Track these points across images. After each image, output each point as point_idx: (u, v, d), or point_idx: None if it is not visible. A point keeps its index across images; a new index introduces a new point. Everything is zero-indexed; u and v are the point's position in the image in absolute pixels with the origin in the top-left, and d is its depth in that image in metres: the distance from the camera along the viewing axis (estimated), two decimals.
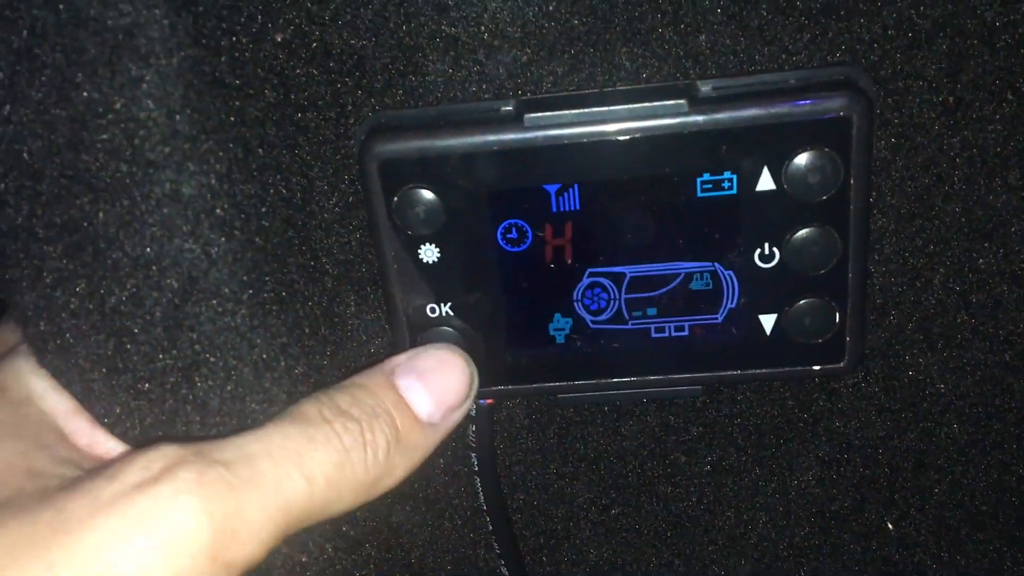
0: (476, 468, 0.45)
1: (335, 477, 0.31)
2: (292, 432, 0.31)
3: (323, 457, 0.31)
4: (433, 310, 0.40)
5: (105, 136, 0.30)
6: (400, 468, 0.34)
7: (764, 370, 0.41)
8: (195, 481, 0.28)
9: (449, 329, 0.41)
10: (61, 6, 0.29)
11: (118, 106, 0.30)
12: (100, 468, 0.29)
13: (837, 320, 0.39)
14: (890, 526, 0.49)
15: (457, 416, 0.37)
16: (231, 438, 0.30)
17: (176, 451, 0.29)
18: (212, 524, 0.27)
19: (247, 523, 0.28)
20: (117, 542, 0.26)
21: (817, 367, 0.41)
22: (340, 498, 0.32)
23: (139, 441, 0.35)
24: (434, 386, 0.36)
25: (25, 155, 0.31)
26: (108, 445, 0.35)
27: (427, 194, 0.38)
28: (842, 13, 0.36)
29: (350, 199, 0.40)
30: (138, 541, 0.26)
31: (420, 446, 0.35)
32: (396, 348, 0.41)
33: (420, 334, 0.41)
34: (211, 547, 0.27)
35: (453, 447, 0.47)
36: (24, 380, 0.35)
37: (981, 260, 0.41)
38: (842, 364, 0.40)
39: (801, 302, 0.39)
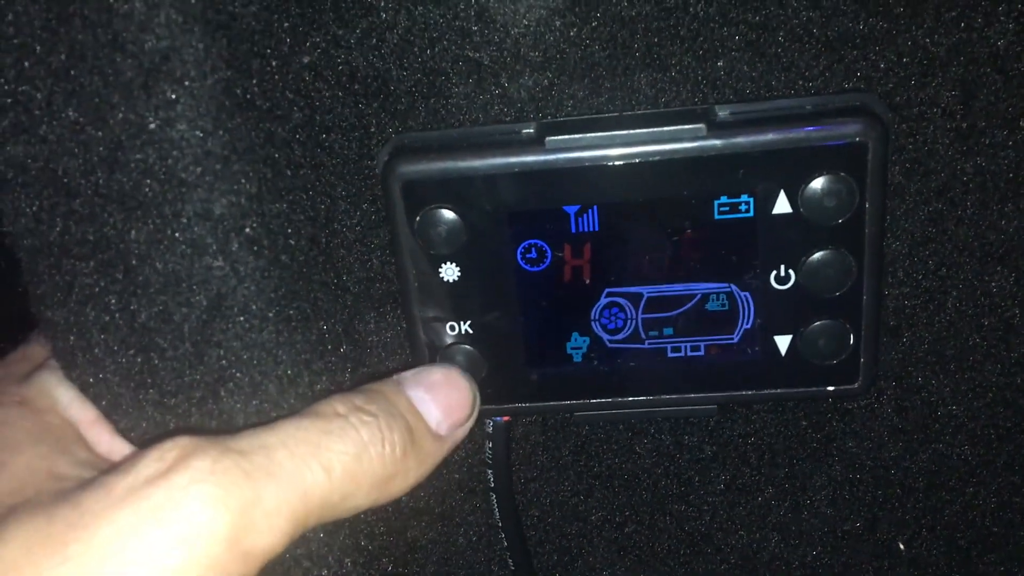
0: (492, 484, 0.46)
1: (353, 468, 0.31)
2: (308, 425, 0.31)
3: (341, 448, 0.31)
4: (453, 328, 0.41)
5: (139, 156, 0.31)
6: (413, 472, 0.34)
7: (778, 390, 0.42)
8: (210, 470, 0.27)
9: (468, 347, 0.41)
10: (99, 30, 0.30)
11: (152, 127, 0.31)
12: (116, 464, 0.29)
13: (851, 341, 0.40)
14: (901, 547, 0.49)
15: (460, 434, 0.37)
16: (247, 430, 0.30)
17: (190, 441, 0.28)
18: (229, 513, 0.27)
19: (265, 512, 0.28)
20: (132, 535, 0.26)
21: (831, 388, 0.41)
22: (357, 492, 0.31)
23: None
24: (441, 400, 0.36)
25: (60, 173, 0.32)
26: (126, 451, 0.35)
27: (449, 214, 0.38)
28: (857, 41, 0.37)
29: (372, 218, 0.41)
30: (154, 533, 0.26)
31: (431, 454, 0.35)
32: (416, 365, 0.42)
33: (440, 351, 0.41)
34: (229, 536, 0.27)
35: (469, 463, 0.48)
36: (50, 392, 0.36)
37: (993, 284, 0.41)
38: (856, 385, 0.41)
39: (816, 323, 0.40)
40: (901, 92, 0.37)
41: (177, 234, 0.32)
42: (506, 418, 0.44)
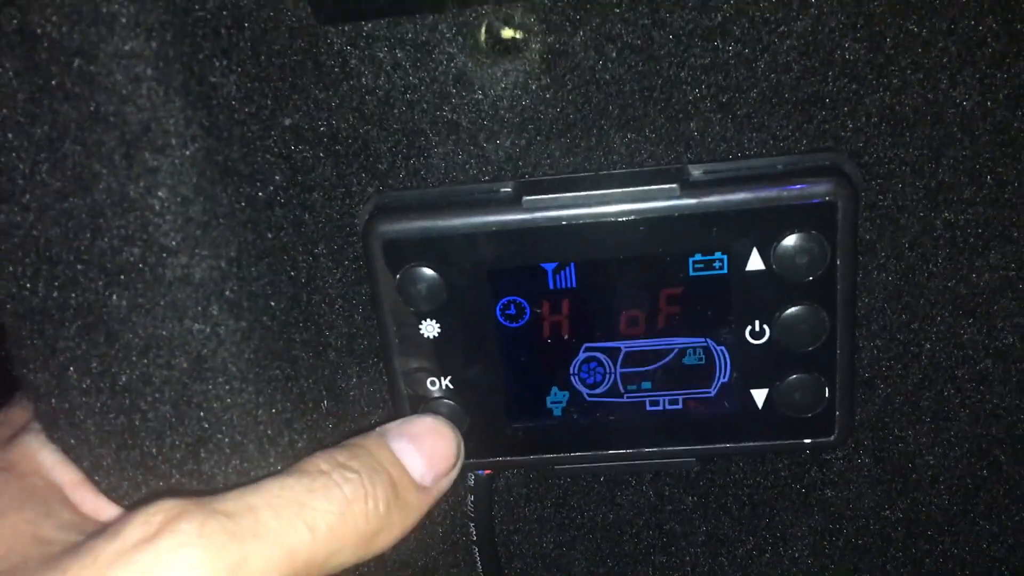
0: (474, 537, 0.46)
1: (337, 526, 0.31)
2: (292, 484, 0.31)
3: (325, 507, 0.31)
4: (433, 383, 0.41)
5: (120, 223, 0.32)
6: (398, 526, 0.34)
7: (756, 443, 0.42)
8: (197, 533, 0.28)
9: (449, 402, 0.42)
10: (82, 102, 0.30)
11: (134, 195, 0.31)
12: (102, 528, 0.29)
13: (827, 395, 0.40)
14: None
15: (445, 484, 0.37)
16: (232, 491, 0.30)
17: (176, 504, 0.28)
18: (216, 575, 0.27)
19: (251, 573, 0.28)
20: None
21: (808, 440, 0.42)
22: (342, 549, 0.31)
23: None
24: (425, 451, 0.36)
25: (43, 240, 0.32)
26: (111, 511, 0.35)
27: (429, 272, 0.39)
28: (827, 101, 0.37)
29: (353, 276, 0.41)
30: None
31: (415, 506, 0.35)
32: (398, 418, 0.42)
33: (420, 407, 0.42)
34: None
35: (451, 516, 0.48)
36: (33, 455, 0.36)
37: (966, 336, 0.42)
38: (832, 437, 0.41)
39: (791, 377, 0.40)
40: (870, 151, 0.38)
41: (158, 298, 0.33)
42: (488, 471, 0.45)
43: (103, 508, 0.35)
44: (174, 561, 0.27)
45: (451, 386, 0.41)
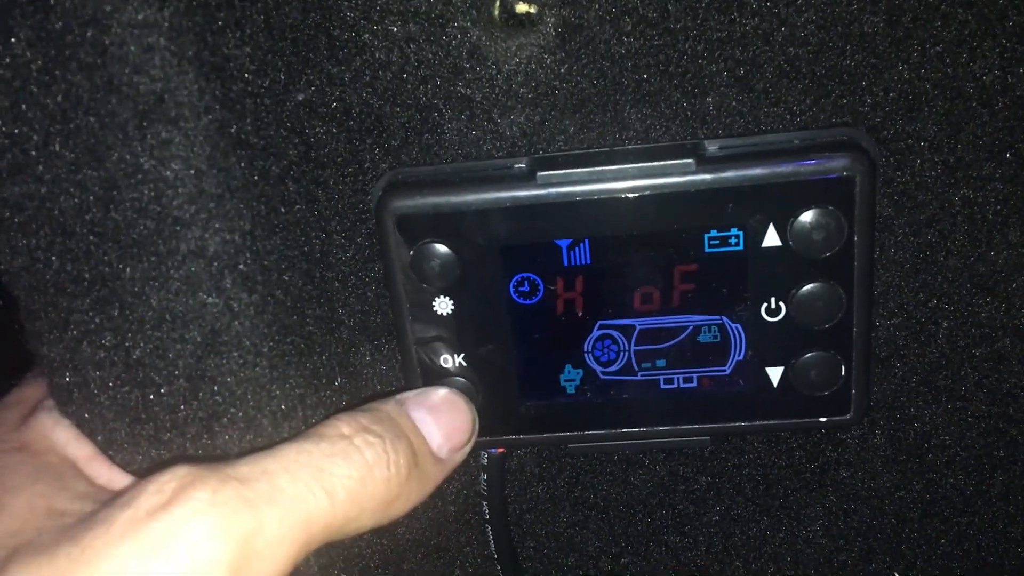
0: (487, 516, 0.46)
1: (357, 492, 0.31)
2: (311, 448, 0.31)
3: (345, 471, 0.30)
4: (447, 360, 0.41)
5: (134, 195, 0.31)
6: (415, 494, 0.34)
7: (771, 421, 0.42)
8: (209, 500, 0.27)
9: (462, 379, 0.41)
10: (95, 72, 0.30)
11: (147, 167, 0.31)
12: (115, 496, 0.29)
13: (843, 373, 0.40)
14: None
15: (459, 458, 0.37)
16: (248, 456, 0.30)
17: (189, 470, 0.28)
18: (230, 542, 0.27)
19: (267, 539, 0.28)
20: (135, 569, 0.26)
21: (823, 419, 0.41)
22: (361, 514, 0.31)
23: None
24: (443, 423, 0.36)
25: (56, 213, 0.32)
26: (126, 482, 0.35)
27: (442, 248, 0.39)
28: (844, 76, 0.37)
29: (366, 252, 0.41)
30: (157, 566, 0.26)
31: (431, 477, 0.35)
32: None
33: (434, 384, 0.42)
34: (231, 566, 0.27)
35: (464, 495, 0.48)
36: (47, 434, 0.36)
37: (983, 314, 0.41)
38: (848, 416, 0.41)
39: (807, 355, 0.40)
40: (888, 126, 0.38)
41: (172, 271, 0.33)
42: (500, 450, 0.45)
43: (117, 479, 0.35)
44: (187, 528, 0.27)
45: (464, 363, 0.41)
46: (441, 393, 0.38)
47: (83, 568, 0.26)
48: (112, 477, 0.35)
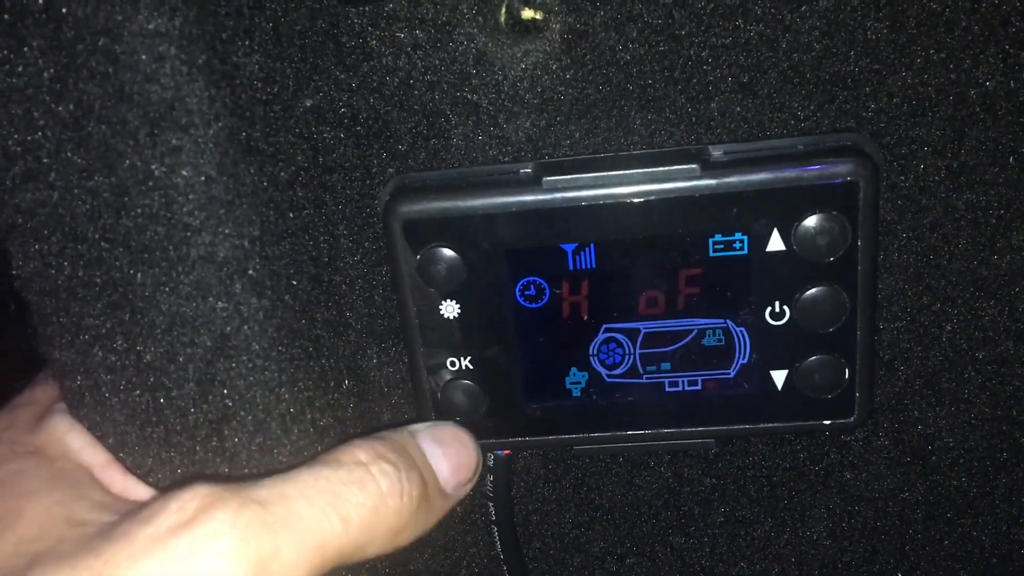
0: (493, 517, 0.46)
1: (370, 519, 0.31)
2: (328, 474, 0.31)
3: (359, 500, 0.31)
4: (453, 363, 0.42)
5: (145, 201, 0.32)
6: (420, 525, 0.34)
7: (775, 424, 0.42)
8: (231, 522, 0.28)
9: (469, 382, 0.42)
10: (107, 80, 0.30)
11: (158, 173, 0.31)
12: (136, 510, 0.30)
13: (846, 376, 0.40)
14: None
15: (462, 493, 0.38)
16: (267, 479, 0.30)
17: (210, 491, 0.29)
18: (248, 564, 0.27)
19: (283, 563, 0.28)
20: None
21: (827, 422, 0.42)
22: (372, 542, 0.32)
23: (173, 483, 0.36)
24: (452, 457, 0.37)
25: (68, 219, 0.32)
26: (140, 491, 0.36)
27: (449, 252, 0.39)
28: (849, 82, 0.37)
29: (373, 257, 0.41)
30: None
31: (437, 509, 0.36)
32: (417, 400, 0.43)
33: (441, 386, 0.42)
34: None
35: (471, 496, 0.48)
36: (61, 438, 0.36)
37: (986, 317, 0.42)
38: (852, 419, 0.41)
39: (811, 358, 0.40)
40: (892, 132, 0.38)
41: (182, 276, 0.33)
42: (507, 452, 0.45)
43: (132, 488, 0.36)
44: (208, 549, 0.27)
45: (471, 366, 0.42)
46: (449, 428, 0.38)
47: None
48: (126, 485, 0.36)
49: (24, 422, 0.37)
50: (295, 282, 0.37)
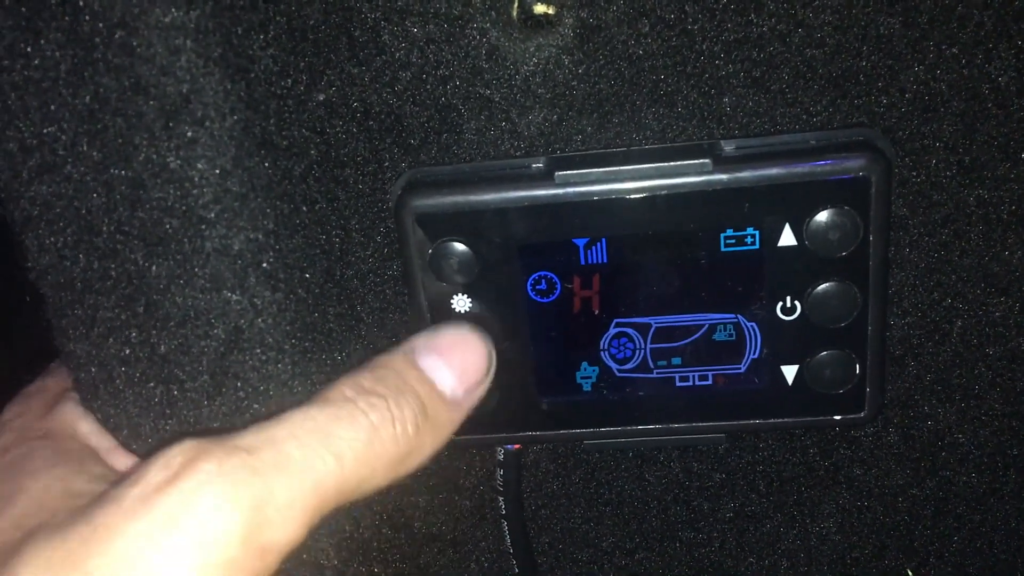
0: (503, 512, 0.47)
1: (365, 454, 0.30)
2: (316, 414, 0.30)
3: (351, 435, 0.30)
4: None
5: (160, 194, 0.32)
6: (428, 445, 0.33)
7: (785, 419, 0.42)
8: (216, 472, 0.27)
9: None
10: (122, 73, 0.31)
11: (173, 166, 0.32)
12: (125, 474, 0.29)
13: (857, 371, 0.40)
14: (910, 573, 0.49)
15: (478, 394, 0.36)
16: (253, 426, 0.30)
17: (195, 445, 0.28)
18: (240, 511, 0.27)
19: (277, 506, 0.28)
20: (148, 545, 0.26)
21: (838, 417, 0.42)
22: (373, 475, 0.31)
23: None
24: (455, 364, 0.35)
25: (84, 211, 0.33)
26: None
27: (461, 247, 0.39)
28: (861, 77, 0.37)
29: (386, 251, 0.41)
30: (168, 540, 0.26)
31: (446, 422, 0.34)
32: None
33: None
34: (243, 534, 0.27)
35: (481, 491, 0.48)
36: (71, 423, 0.37)
37: (997, 313, 0.42)
38: (862, 414, 0.41)
39: (822, 354, 0.40)
40: (904, 127, 0.38)
41: (196, 269, 0.33)
42: (517, 446, 0.45)
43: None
44: (196, 501, 0.27)
45: None
46: (450, 333, 0.36)
47: (95, 547, 0.26)
48: (131, 465, 0.36)
49: (35, 409, 0.37)
50: (308, 275, 0.37)
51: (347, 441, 0.30)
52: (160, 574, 0.26)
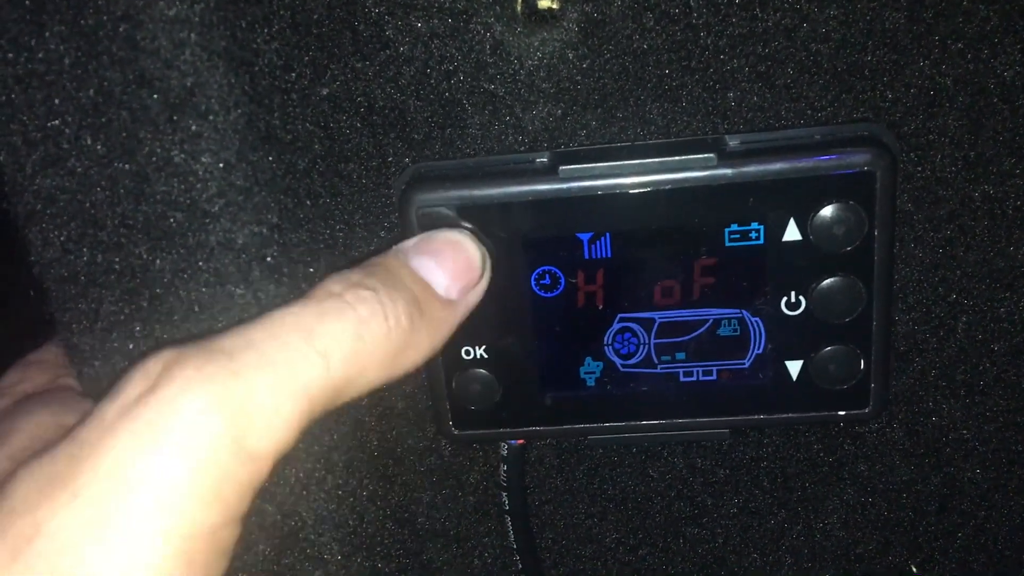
0: (507, 507, 0.47)
1: (354, 349, 0.29)
2: (299, 311, 0.29)
3: (337, 329, 0.29)
4: (468, 352, 0.42)
5: (164, 188, 0.32)
6: (425, 342, 0.32)
7: (790, 415, 0.42)
8: (195, 377, 0.26)
9: (483, 371, 0.42)
10: (127, 67, 0.31)
11: (177, 160, 0.32)
12: (106, 390, 0.28)
13: (862, 367, 0.40)
14: (914, 569, 0.49)
15: (473, 297, 0.35)
16: (235, 328, 0.29)
17: (172, 353, 0.27)
18: (223, 413, 0.26)
19: (262, 408, 0.27)
20: (134, 456, 0.25)
21: (842, 412, 0.42)
22: (364, 372, 0.30)
23: None
24: (448, 264, 0.35)
25: (88, 205, 0.33)
26: None
27: None
28: (866, 72, 0.37)
29: (388, 246, 0.41)
30: (154, 450, 0.25)
31: (443, 320, 0.33)
32: (431, 388, 0.43)
33: (454, 375, 0.42)
34: (228, 436, 0.26)
35: (484, 486, 0.48)
36: (71, 388, 0.37)
37: (1002, 309, 0.42)
38: (867, 410, 0.41)
39: (826, 349, 0.40)
40: (909, 122, 0.38)
41: (200, 263, 0.33)
42: (520, 441, 0.45)
43: None
44: (178, 407, 0.26)
45: (485, 355, 0.42)
46: (442, 235, 0.36)
47: (83, 464, 0.26)
48: None
49: (34, 377, 0.38)
50: (312, 270, 0.37)
51: (333, 337, 0.29)
52: (148, 483, 0.25)
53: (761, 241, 0.38)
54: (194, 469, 0.26)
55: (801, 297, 0.39)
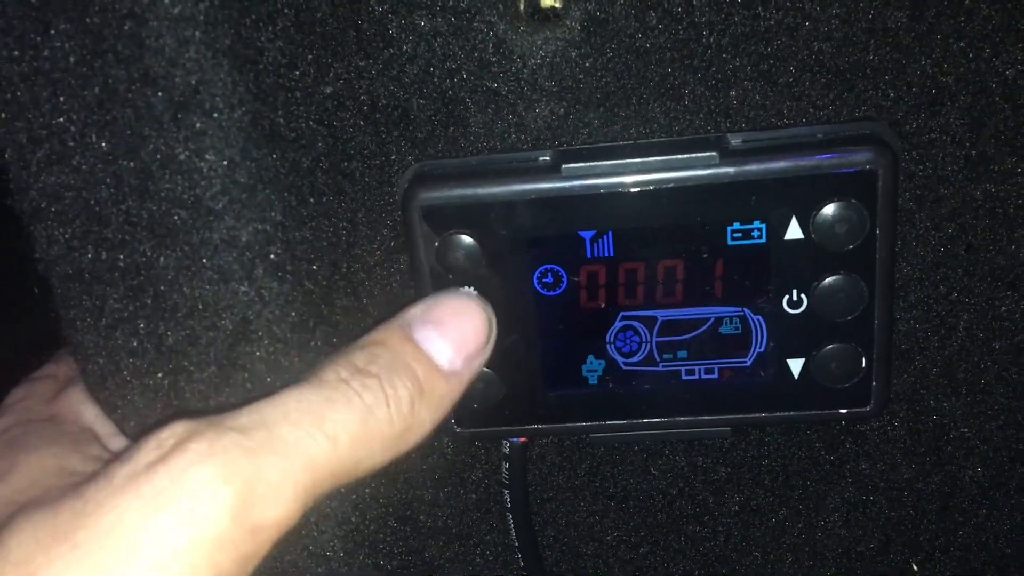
0: (508, 505, 0.47)
1: (360, 434, 0.30)
2: (309, 395, 0.30)
3: (344, 416, 0.30)
4: None
5: (168, 185, 0.32)
6: (428, 420, 0.33)
7: (791, 413, 0.42)
8: (207, 451, 0.27)
9: (485, 369, 0.42)
10: (131, 64, 0.31)
11: (182, 157, 0.32)
12: (117, 454, 0.29)
13: (863, 365, 0.40)
14: (915, 568, 0.49)
15: (478, 363, 0.36)
16: (247, 406, 0.30)
17: (187, 425, 0.28)
18: (230, 489, 0.27)
19: (269, 485, 0.27)
20: (138, 520, 0.26)
21: (843, 411, 0.42)
22: (370, 454, 0.31)
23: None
24: (452, 335, 0.35)
25: (92, 202, 0.33)
26: None
27: (467, 239, 0.39)
28: (868, 71, 0.37)
29: (392, 244, 0.41)
30: (158, 516, 0.26)
31: (445, 395, 0.34)
32: None
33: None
34: (234, 511, 0.27)
35: (486, 484, 0.48)
36: (75, 408, 0.37)
37: (1003, 307, 0.42)
38: (868, 408, 0.41)
39: (828, 347, 0.40)
40: (911, 120, 0.38)
41: (204, 260, 0.33)
42: (523, 439, 0.45)
43: None
44: (187, 478, 0.27)
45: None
46: (449, 302, 0.36)
47: (85, 521, 0.26)
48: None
49: (42, 394, 0.38)
50: (315, 267, 0.37)
51: (341, 423, 0.30)
52: (149, 548, 0.26)
53: (763, 239, 0.39)
54: (196, 538, 0.26)
55: (803, 295, 0.39)
